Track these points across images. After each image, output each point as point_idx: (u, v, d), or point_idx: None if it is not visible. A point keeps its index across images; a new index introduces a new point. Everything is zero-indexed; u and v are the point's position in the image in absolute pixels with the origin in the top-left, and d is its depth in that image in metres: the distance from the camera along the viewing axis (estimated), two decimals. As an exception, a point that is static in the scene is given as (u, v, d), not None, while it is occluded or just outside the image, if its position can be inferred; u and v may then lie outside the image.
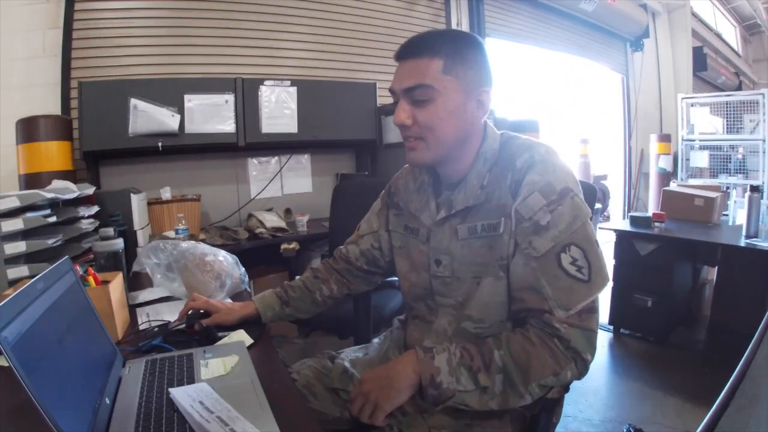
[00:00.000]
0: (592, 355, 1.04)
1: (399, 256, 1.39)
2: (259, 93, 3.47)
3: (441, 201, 1.25)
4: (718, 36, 9.83)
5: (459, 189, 1.19)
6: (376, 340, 1.56)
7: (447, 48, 1.09)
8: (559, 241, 1.04)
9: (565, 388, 1.13)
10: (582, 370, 1.04)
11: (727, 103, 5.86)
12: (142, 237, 2.57)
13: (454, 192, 1.20)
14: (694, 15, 8.20)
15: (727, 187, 5.20)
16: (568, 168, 1.12)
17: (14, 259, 1.79)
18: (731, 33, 11.06)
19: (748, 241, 3.00)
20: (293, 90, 3.59)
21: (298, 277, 1.58)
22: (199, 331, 1.35)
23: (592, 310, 1.04)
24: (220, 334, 1.34)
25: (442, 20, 5.08)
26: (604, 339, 3.61)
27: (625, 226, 3.61)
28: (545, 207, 1.05)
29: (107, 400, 0.95)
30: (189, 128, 3.22)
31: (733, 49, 10.81)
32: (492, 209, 1.13)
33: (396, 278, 1.44)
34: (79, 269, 1.35)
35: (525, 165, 1.10)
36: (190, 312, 1.44)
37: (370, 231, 1.50)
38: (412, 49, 1.11)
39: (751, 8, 10.40)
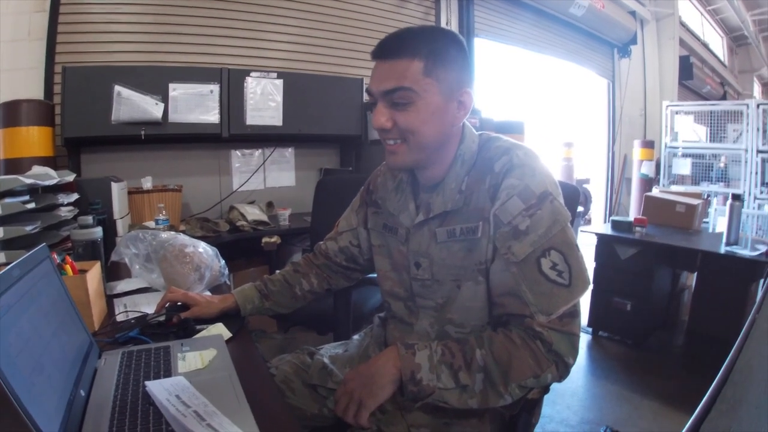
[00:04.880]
0: (574, 358, 1.04)
1: (379, 255, 1.37)
2: (245, 84, 3.44)
3: (420, 203, 1.24)
4: (705, 46, 9.96)
5: (437, 192, 1.17)
6: (356, 337, 1.55)
7: (427, 48, 1.05)
8: (538, 246, 1.03)
9: (545, 389, 1.13)
10: (563, 373, 1.04)
11: (711, 113, 5.93)
12: (121, 226, 2.53)
13: (432, 195, 1.18)
14: (682, 24, 8.30)
15: (708, 195, 5.26)
16: (548, 171, 1.11)
17: (-10, 245, 1.76)
18: (718, 43, 11.22)
19: (728, 248, 3.04)
20: (279, 82, 3.56)
21: (278, 271, 1.57)
22: (177, 323, 1.33)
23: (574, 314, 1.04)
24: (198, 327, 1.33)
25: (432, 18, 5.09)
26: (582, 341, 3.62)
27: (607, 229, 3.64)
28: (524, 211, 1.04)
29: (82, 392, 0.93)
30: (173, 117, 3.19)
31: (719, 60, 10.97)
32: (470, 213, 1.12)
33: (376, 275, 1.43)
34: (56, 257, 1.32)
35: (503, 169, 1.09)
36: (168, 304, 1.42)
37: (349, 228, 1.49)
38: (390, 49, 1.07)
39: (739, 20, 10.55)
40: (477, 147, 1.18)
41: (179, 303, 1.42)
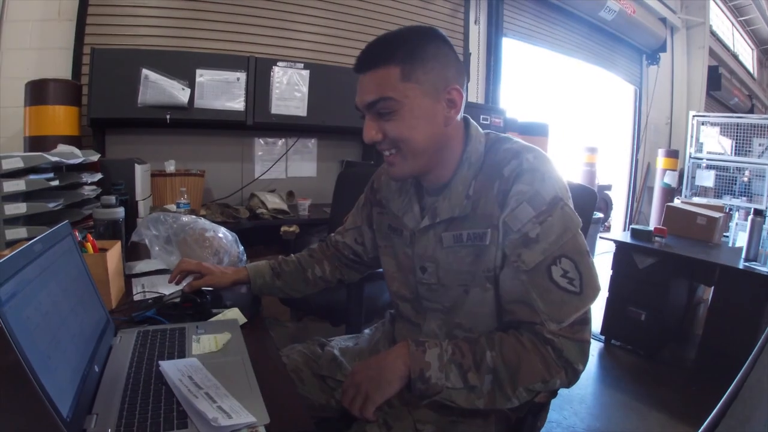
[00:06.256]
0: (584, 365, 1.03)
1: (385, 255, 1.36)
2: (272, 73, 3.46)
3: (424, 205, 1.22)
4: (735, 57, 9.79)
5: (443, 196, 1.14)
6: (367, 331, 1.55)
7: (401, 53, 1.03)
8: (549, 254, 1.01)
9: (553, 394, 1.12)
10: (572, 379, 1.03)
11: (737, 125, 5.85)
12: (143, 208, 2.56)
13: (438, 199, 1.16)
14: (712, 33, 8.17)
15: (730, 209, 5.19)
16: (558, 174, 1.07)
17: (14, 220, 1.78)
18: (748, 55, 11.02)
19: (746, 264, 3.00)
20: (306, 73, 3.57)
21: (293, 254, 1.58)
22: (193, 304, 1.35)
23: (585, 321, 1.02)
24: (214, 310, 1.34)
25: (461, 15, 5.06)
26: (594, 349, 3.61)
27: (626, 237, 3.61)
28: (534, 218, 1.02)
29: (96, 368, 0.95)
30: (198, 103, 3.22)
31: (748, 72, 10.78)
32: (478, 218, 1.09)
33: None
34: (77, 235, 1.35)
35: (512, 174, 1.06)
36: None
37: (354, 226, 1.49)
38: (366, 61, 1.06)
39: (771, 32, 10.36)
40: (484, 148, 1.14)
41: (194, 273, 1.43)
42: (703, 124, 6.13)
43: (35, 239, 0.90)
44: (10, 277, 0.75)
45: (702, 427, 0.72)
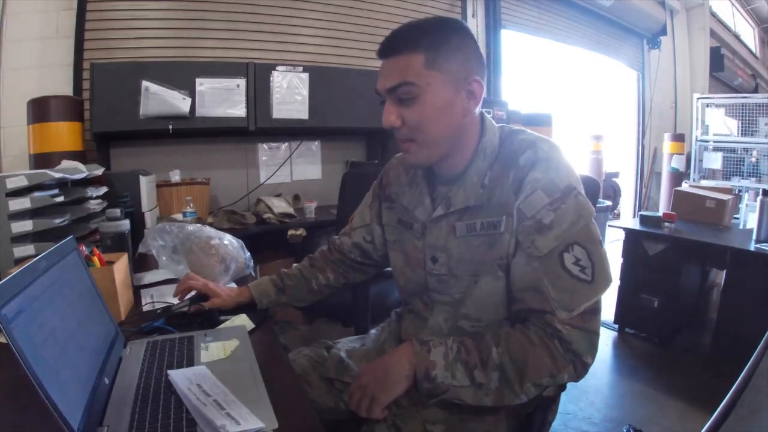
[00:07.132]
0: (593, 357, 1.02)
1: (394, 251, 1.36)
2: (271, 78, 3.46)
3: (437, 196, 1.22)
4: (737, 37, 9.69)
5: (458, 186, 1.15)
6: (373, 331, 1.55)
7: (427, 40, 1.04)
8: (562, 241, 1.01)
9: (562, 387, 1.12)
10: (581, 372, 1.03)
11: (743, 105, 5.80)
12: (149, 219, 2.57)
13: (452, 188, 1.16)
14: (712, 14, 8.09)
15: (740, 190, 5.16)
16: (571, 165, 1.08)
17: (21, 238, 1.80)
18: (750, 34, 10.90)
19: (758, 245, 2.97)
20: (305, 76, 3.57)
21: (295, 264, 1.58)
22: (200, 313, 1.36)
23: (595, 311, 1.02)
24: (221, 317, 1.35)
25: (458, 9, 5.06)
26: (608, 338, 3.60)
27: (635, 224, 3.58)
28: (548, 205, 1.02)
29: (106, 380, 0.96)
30: (200, 112, 3.23)
31: (751, 51, 10.67)
32: (493, 207, 1.10)
33: None
34: (84, 249, 1.36)
35: (528, 162, 1.07)
36: (193, 294, 1.45)
37: (362, 224, 1.48)
38: (391, 46, 1.07)
39: (772, 10, 10.25)
40: (498, 140, 1.15)
41: (198, 292, 1.45)
42: (707, 106, 6.08)
43: (39, 256, 0.91)
44: (16, 295, 0.76)
45: (712, 417, 0.71)
